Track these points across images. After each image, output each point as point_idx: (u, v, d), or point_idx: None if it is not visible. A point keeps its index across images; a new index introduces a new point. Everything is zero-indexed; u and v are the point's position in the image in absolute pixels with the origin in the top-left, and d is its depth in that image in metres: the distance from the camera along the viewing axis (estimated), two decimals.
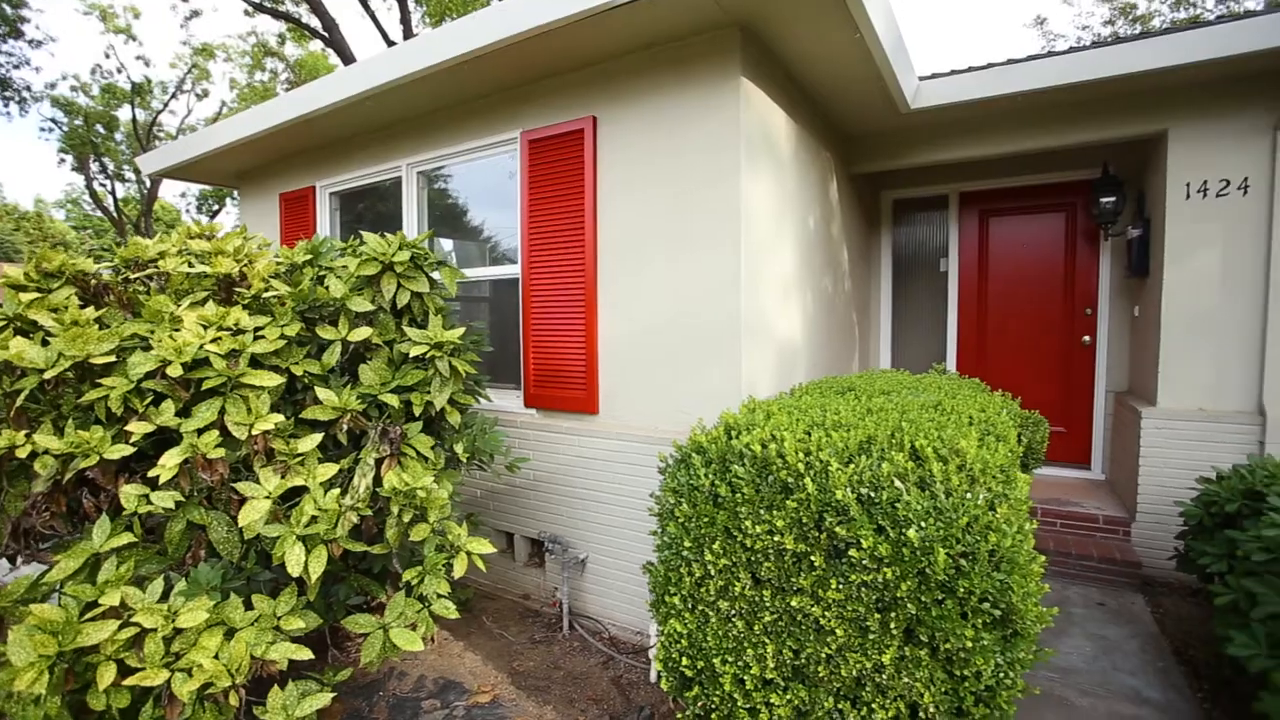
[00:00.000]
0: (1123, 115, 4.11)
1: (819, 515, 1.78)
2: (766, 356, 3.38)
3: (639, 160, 3.34)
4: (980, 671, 1.69)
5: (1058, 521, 4.25)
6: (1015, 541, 1.67)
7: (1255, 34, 3.41)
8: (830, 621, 1.79)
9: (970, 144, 4.58)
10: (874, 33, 3.12)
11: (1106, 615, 3.60)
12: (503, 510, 3.96)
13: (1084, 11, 17.34)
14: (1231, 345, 3.80)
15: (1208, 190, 3.82)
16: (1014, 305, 5.21)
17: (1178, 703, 2.82)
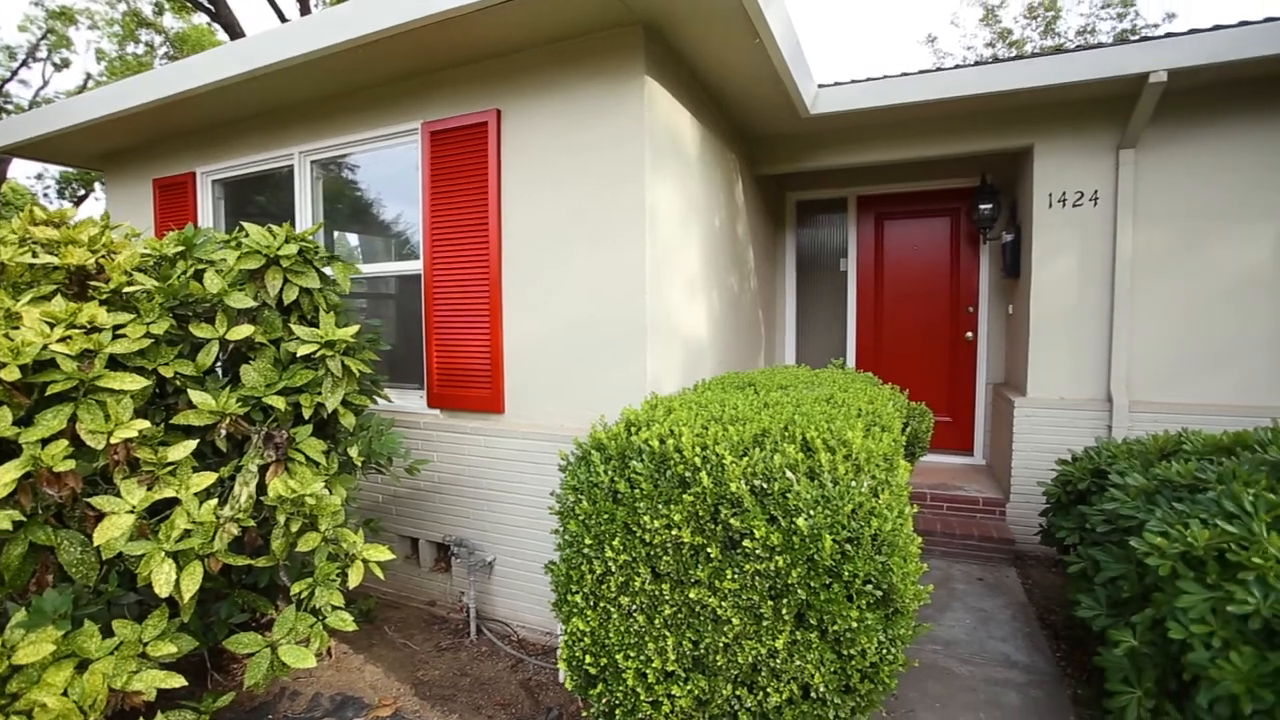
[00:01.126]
0: (997, 129, 4.45)
1: (715, 508, 1.83)
2: (673, 353, 3.43)
3: (544, 157, 3.30)
4: (865, 650, 1.78)
5: (944, 505, 4.58)
6: (895, 525, 1.78)
7: (1102, 63, 3.79)
8: (727, 611, 1.84)
9: (865, 150, 4.83)
10: (773, 39, 3.22)
11: (984, 589, 3.91)
12: (407, 515, 3.81)
13: (969, 33, 18.61)
14: (1086, 340, 4.22)
15: (1066, 200, 4.22)
16: (906, 303, 5.55)
17: (1040, 663, 3.10)
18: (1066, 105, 4.21)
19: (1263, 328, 3.93)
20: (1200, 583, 1.76)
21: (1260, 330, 3.93)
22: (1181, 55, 3.64)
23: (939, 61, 17.77)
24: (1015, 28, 17.01)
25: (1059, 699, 2.83)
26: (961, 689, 2.93)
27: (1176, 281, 4.08)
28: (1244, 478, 1.97)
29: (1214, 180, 3.98)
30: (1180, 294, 4.07)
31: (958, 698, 2.87)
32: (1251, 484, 1.92)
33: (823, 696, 1.85)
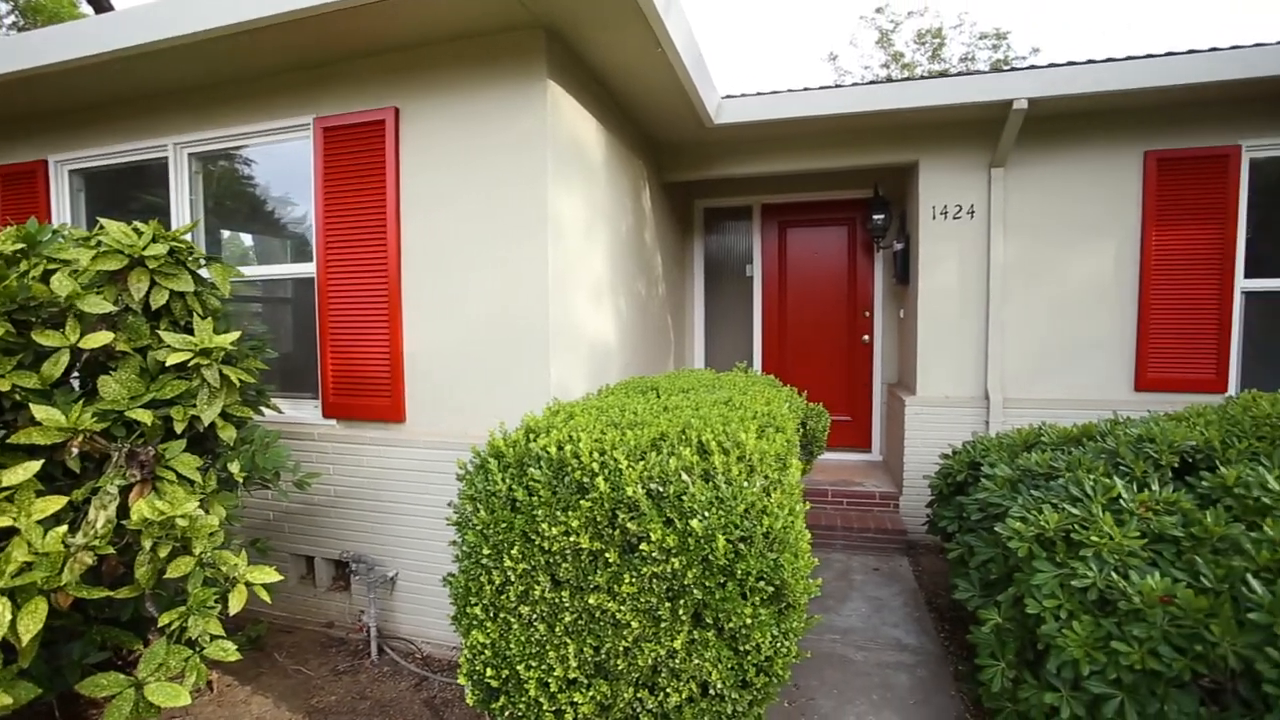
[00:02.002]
0: (887, 145, 4.75)
1: (612, 513, 1.84)
2: (578, 359, 3.43)
3: (446, 159, 3.22)
4: (760, 645, 1.84)
5: (844, 500, 4.81)
6: (787, 523, 1.85)
7: (973, 89, 4.12)
8: (626, 615, 1.86)
9: (768, 160, 5.02)
10: (674, 48, 3.29)
11: (880, 578, 4.14)
12: (301, 532, 3.60)
13: (866, 54, 19.79)
14: (966, 342, 4.57)
15: (947, 213, 4.56)
16: (808, 307, 5.80)
17: (928, 645, 3.32)
18: (946, 125, 4.55)
19: (1108, 330, 4.39)
20: (1051, 561, 1.94)
21: (1106, 333, 4.40)
22: (1039, 86, 4.02)
23: (840, 78, 18.77)
24: (907, 51, 18.22)
25: (942, 677, 3.04)
26: (857, 674, 3.09)
27: (1040, 289, 4.49)
28: (1087, 465, 2.20)
29: (1066, 199, 4.42)
30: (1043, 300, 4.49)
31: (853, 683, 3.02)
32: (1092, 470, 2.15)
33: (721, 693, 1.89)
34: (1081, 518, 1.95)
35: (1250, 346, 4.32)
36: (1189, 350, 4.29)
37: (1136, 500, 1.97)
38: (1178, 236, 4.29)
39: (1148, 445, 2.21)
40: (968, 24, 21.67)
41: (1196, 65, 3.85)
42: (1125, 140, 4.35)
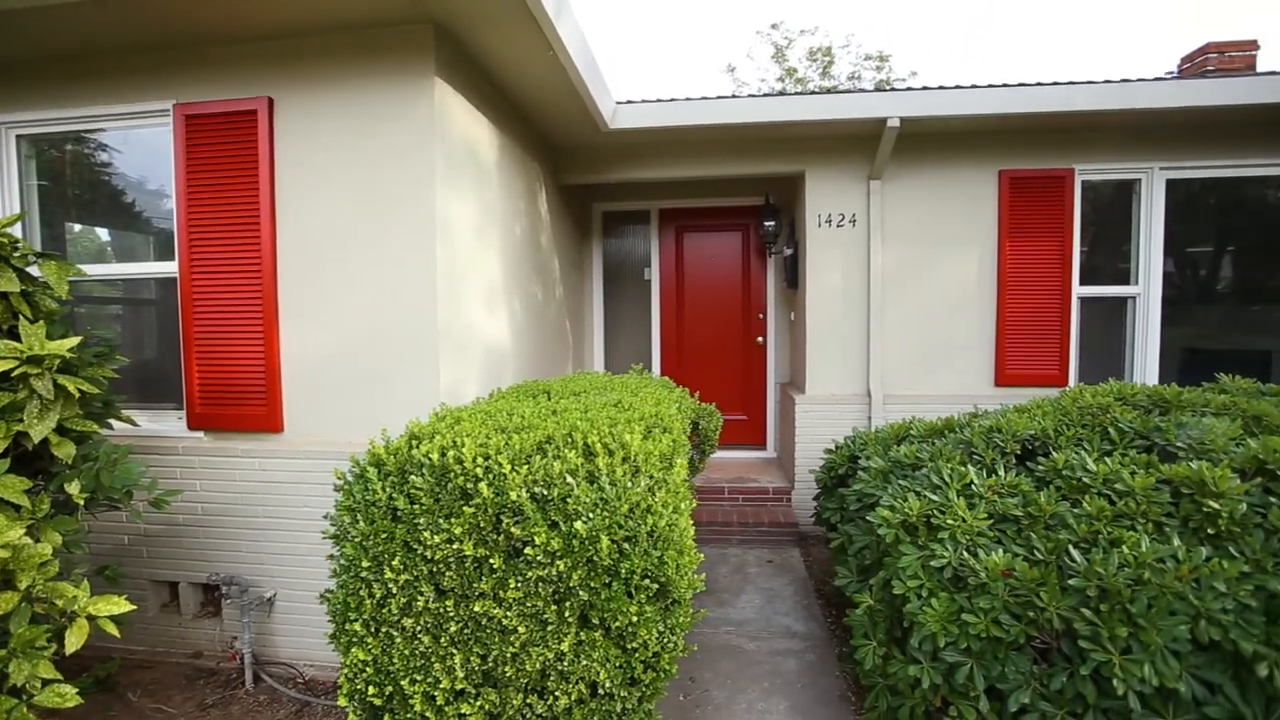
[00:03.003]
0: (777, 155, 4.97)
1: (496, 518, 1.81)
2: (471, 364, 3.36)
3: (328, 156, 3.06)
4: (647, 641, 1.87)
5: (740, 497, 4.98)
6: (671, 521, 1.89)
7: (852, 106, 4.41)
8: (512, 620, 1.83)
9: (665, 166, 5.12)
10: (567, 52, 3.29)
11: (773, 570, 4.31)
12: (163, 555, 3.29)
13: (762, 67, 20.63)
14: (850, 343, 4.86)
15: (831, 221, 4.84)
16: (706, 311, 5.97)
17: (816, 631, 3.49)
18: (829, 139, 4.82)
19: (973, 332, 4.82)
20: (915, 545, 2.10)
21: (971, 334, 4.82)
22: (908, 106, 4.36)
23: (738, 89, 19.44)
24: (800, 67, 19.15)
25: (828, 660, 3.20)
26: (750, 663, 3.20)
27: (915, 294, 4.85)
28: (946, 455, 2.40)
29: (936, 211, 4.81)
30: (918, 304, 4.85)
31: (746, 672, 3.13)
32: (950, 460, 2.35)
33: (610, 692, 1.90)
34: (940, 503, 2.12)
35: (1085, 345, 4.87)
36: (1038, 349, 4.78)
37: (985, 485, 2.17)
38: (1027, 248, 4.77)
39: (996, 435, 2.44)
40: (854, 45, 23.15)
41: (1030, 97, 4.30)
42: (983, 159, 4.79)
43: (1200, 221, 5.08)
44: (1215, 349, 5.17)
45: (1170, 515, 1.96)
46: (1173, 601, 1.71)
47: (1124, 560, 1.79)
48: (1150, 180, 4.79)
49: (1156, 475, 2.05)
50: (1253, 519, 1.87)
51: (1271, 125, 4.59)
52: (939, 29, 32.79)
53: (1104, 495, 2.04)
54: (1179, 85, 4.42)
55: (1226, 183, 4.92)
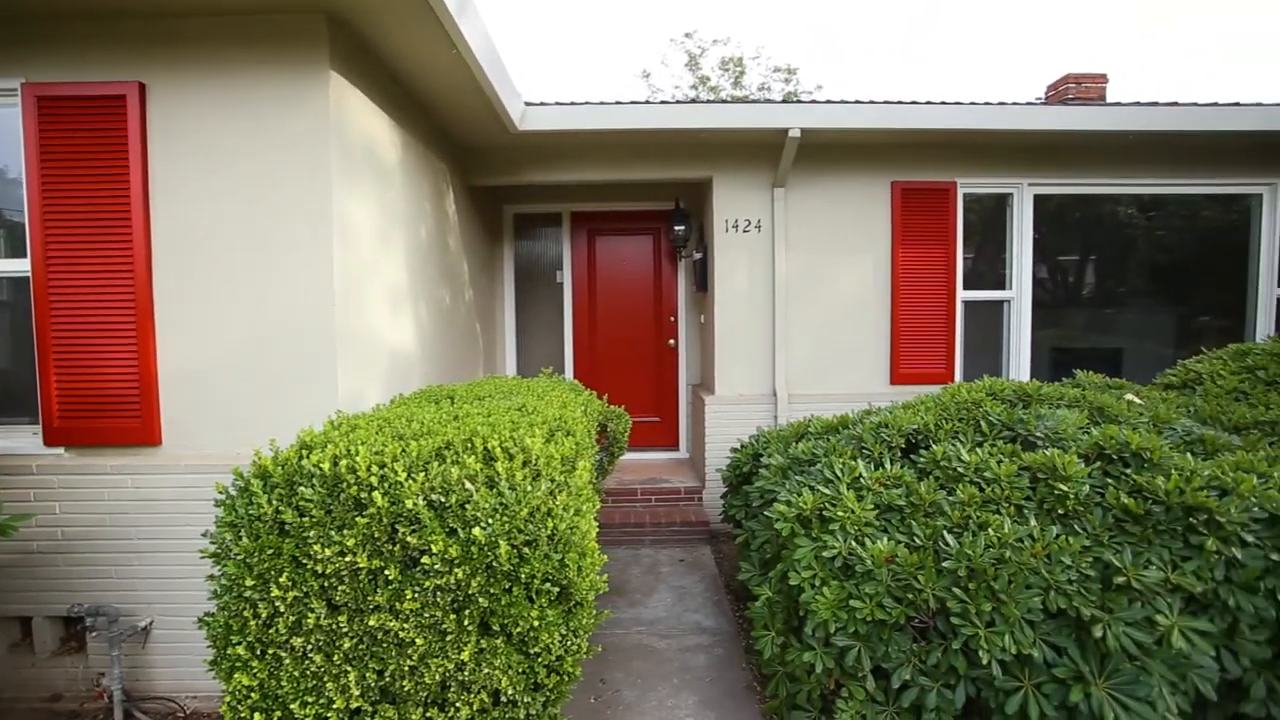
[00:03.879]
0: (686, 161, 5.08)
1: (392, 527, 1.76)
2: (373, 369, 3.24)
3: (214, 148, 2.87)
4: (549, 645, 1.87)
5: (653, 497, 5.05)
6: (572, 523, 1.90)
7: (755, 116, 4.58)
8: (410, 632, 1.78)
9: (576, 169, 5.12)
10: (471, 51, 3.24)
11: (685, 568, 4.40)
12: (13, 589, 2.96)
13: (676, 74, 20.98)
14: (757, 345, 5.04)
15: (738, 226, 5.00)
16: (618, 314, 6.02)
17: (725, 625, 3.59)
18: (736, 146, 4.98)
19: (871, 334, 5.11)
20: (809, 537, 2.21)
21: (869, 336, 5.11)
22: (810, 118, 4.57)
23: (653, 95, 19.71)
24: (713, 76, 19.65)
25: (735, 653, 3.30)
26: (660, 661, 3.25)
27: (817, 297, 5.09)
28: (839, 450, 2.54)
29: (835, 218, 5.07)
30: (820, 307, 5.09)
31: (657, 670, 3.18)
32: (841, 455, 2.48)
33: (513, 699, 1.88)
34: (831, 497, 2.24)
35: (969, 345, 5.27)
36: (928, 350, 5.13)
37: (873, 478, 2.31)
38: (918, 255, 5.11)
39: (884, 431, 2.60)
40: (765, 57, 23.99)
41: (918, 113, 4.63)
42: (878, 170, 5.09)
43: (1066, 233, 5.62)
44: (1078, 347, 5.73)
45: (1029, 499, 2.16)
46: (1028, 576, 1.89)
47: (989, 542, 1.96)
48: (1021, 194, 5.25)
49: (1018, 463, 2.25)
50: (1094, 499, 2.10)
51: (1117, 149, 5.14)
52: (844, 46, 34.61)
53: (975, 483, 2.22)
54: (1043, 110, 4.88)
55: (1087, 199, 5.46)
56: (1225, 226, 5.71)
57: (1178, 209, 5.74)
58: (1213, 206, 5.69)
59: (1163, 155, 5.23)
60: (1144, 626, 1.87)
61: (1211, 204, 5.67)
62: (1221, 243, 5.70)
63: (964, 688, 1.92)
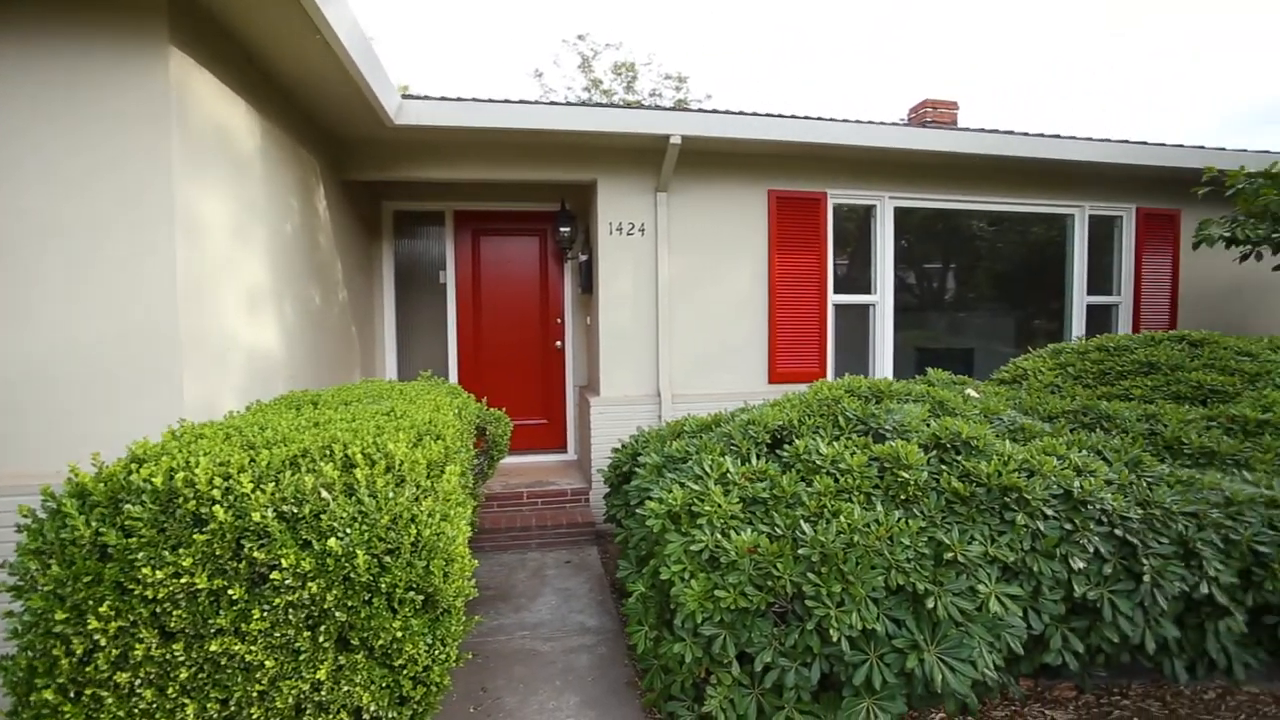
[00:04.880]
0: (572, 163, 5.08)
1: (236, 543, 1.64)
2: (228, 375, 3.00)
3: (31, 126, 2.54)
4: (415, 656, 1.81)
5: (539, 500, 5.01)
6: (438, 529, 1.85)
7: (638, 122, 4.67)
8: (259, 655, 1.67)
9: (459, 167, 4.99)
10: (338, 38, 3.08)
11: (571, 570, 4.40)
12: None
13: (569, 75, 20.90)
14: (641, 346, 5.13)
15: (622, 229, 5.07)
16: (504, 315, 5.92)
17: (608, 624, 3.63)
18: (620, 150, 5.05)
19: (750, 335, 5.36)
20: (679, 532, 2.29)
21: (748, 337, 5.35)
22: (690, 126, 4.73)
23: (545, 95, 19.57)
24: (605, 79, 19.80)
25: (618, 650, 3.35)
26: (543, 665, 3.23)
27: (700, 300, 5.27)
28: (709, 447, 2.65)
29: (716, 223, 5.27)
30: (703, 310, 5.27)
31: (539, 674, 3.16)
32: (711, 451, 2.59)
33: (376, 715, 1.81)
34: (700, 492, 2.33)
35: (839, 345, 5.66)
36: (802, 350, 5.45)
37: (739, 473, 2.43)
38: (793, 260, 5.41)
39: (752, 428, 2.75)
40: (656, 63, 24.49)
41: (792, 127, 4.91)
42: (756, 179, 5.35)
43: (925, 243, 6.18)
44: (936, 347, 6.31)
45: (877, 487, 2.36)
46: (873, 558, 2.06)
47: (840, 528, 2.12)
48: (883, 206, 5.70)
49: (869, 454, 2.45)
50: (931, 484, 2.33)
51: (965, 169, 5.72)
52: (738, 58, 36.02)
53: (831, 474, 2.39)
54: (902, 130, 5.33)
55: (943, 213, 6.03)
56: (1049, 242, 6.50)
57: (1015, 225, 6.47)
58: (1041, 224, 6.47)
59: (1002, 177, 5.88)
60: (968, 595, 2.10)
61: (1040, 222, 6.44)
62: (1049, 256, 6.49)
63: (819, 665, 2.07)
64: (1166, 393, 3.83)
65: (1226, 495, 2.55)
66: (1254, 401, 3.38)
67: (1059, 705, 2.80)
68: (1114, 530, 2.34)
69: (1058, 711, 2.76)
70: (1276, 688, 2.89)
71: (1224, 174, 5.56)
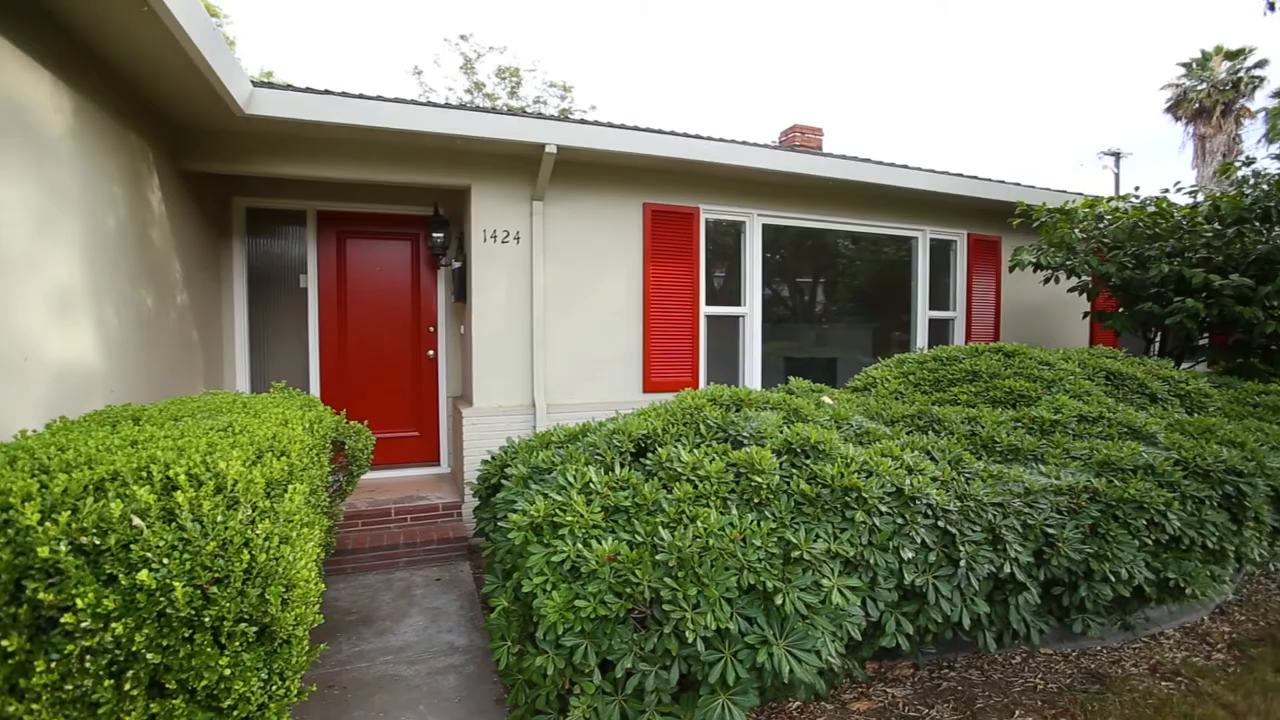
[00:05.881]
0: (445, 167, 4.93)
1: (16, 585, 1.43)
2: (27, 389, 2.62)
3: None
4: (248, 695, 1.67)
5: (409, 516, 4.79)
6: (276, 554, 1.72)
7: (513, 128, 4.63)
8: (43, 713, 1.46)
9: (324, 164, 4.68)
10: (172, 15, 2.80)
11: (441, 588, 4.24)
12: None
13: (450, 76, 20.16)
14: (516, 356, 5.07)
15: (497, 237, 4.99)
16: (372, 322, 5.62)
17: (478, 641, 3.53)
18: (495, 157, 4.97)
19: (626, 345, 5.45)
20: (541, 543, 2.27)
21: (624, 347, 5.44)
22: (565, 136, 4.74)
23: (425, 94, 18.84)
24: (489, 83, 19.40)
25: (488, 668, 3.26)
26: (407, 690, 3.09)
27: (576, 310, 5.29)
28: (575, 457, 2.66)
29: (593, 234, 5.33)
30: (579, 319, 5.29)
31: (401, 700, 3.01)
32: (576, 461, 2.61)
33: None
34: (562, 503, 2.34)
35: (712, 355, 5.89)
36: (676, 360, 5.62)
37: (603, 482, 2.46)
38: (667, 272, 5.58)
39: (617, 437, 2.80)
40: (541, 70, 24.37)
41: (665, 143, 5.08)
42: (632, 191, 5.46)
43: (793, 259, 6.59)
44: (802, 358, 6.73)
45: (733, 491, 2.48)
46: (727, 559, 2.16)
47: (697, 533, 2.20)
48: (751, 222, 6.02)
49: (726, 461, 2.57)
50: (782, 487, 2.48)
51: (827, 191, 6.17)
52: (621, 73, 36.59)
53: (690, 481, 2.49)
54: (769, 152, 5.66)
55: (809, 230, 6.45)
56: (900, 261, 7.17)
57: (872, 245, 7.07)
58: (892, 245, 7.12)
59: (859, 200, 6.41)
60: (813, 590, 2.25)
61: (892, 243, 7.09)
62: (900, 273, 7.15)
63: (678, 666, 2.13)
64: (986, 398, 4.34)
65: (1025, 486, 2.93)
66: (1049, 405, 3.91)
67: (898, 683, 3.08)
68: (937, 522, 2.62)
69: (897, 689, 3.03)
70: (1065, 647, 3.36)
71: (1031, 209, 6.41)
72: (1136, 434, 3.70)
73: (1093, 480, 3.08)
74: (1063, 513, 2.90)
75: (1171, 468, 3.21)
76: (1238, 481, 3.28)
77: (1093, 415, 3.83)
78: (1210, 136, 24.46)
